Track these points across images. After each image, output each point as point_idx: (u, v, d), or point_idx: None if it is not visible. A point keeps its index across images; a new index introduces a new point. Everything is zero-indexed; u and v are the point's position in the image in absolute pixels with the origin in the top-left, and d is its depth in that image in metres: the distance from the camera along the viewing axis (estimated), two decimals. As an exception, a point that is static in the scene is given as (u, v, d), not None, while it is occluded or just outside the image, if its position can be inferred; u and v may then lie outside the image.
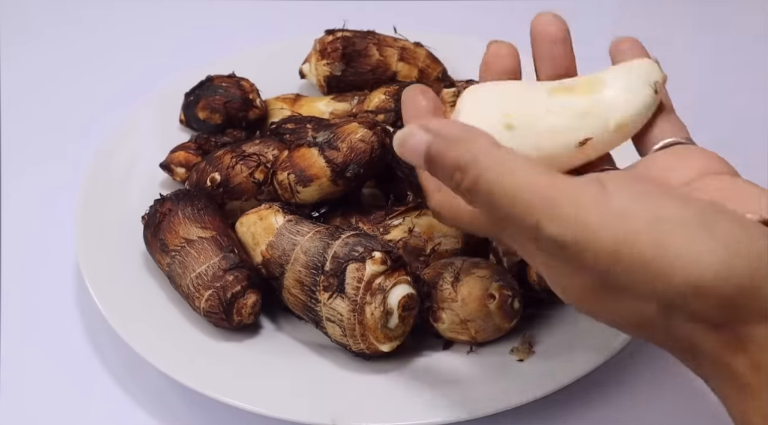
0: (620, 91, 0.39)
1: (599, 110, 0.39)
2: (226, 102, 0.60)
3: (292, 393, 0.46)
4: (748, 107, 0.72)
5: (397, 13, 0.71)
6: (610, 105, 0.39)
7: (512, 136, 0.38)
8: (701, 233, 0.29)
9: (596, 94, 0.39)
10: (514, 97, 0.40)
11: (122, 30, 0.82)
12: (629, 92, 0.39)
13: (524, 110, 0.39)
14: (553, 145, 0.39)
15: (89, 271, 0.52)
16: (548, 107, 0.39)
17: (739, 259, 0.29)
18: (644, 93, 0.39)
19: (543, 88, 0.40)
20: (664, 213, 0.30)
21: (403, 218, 0.51)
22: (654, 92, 0.39)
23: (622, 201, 0.30)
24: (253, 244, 0.51)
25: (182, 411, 0.49)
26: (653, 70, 0.40)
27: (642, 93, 0.39)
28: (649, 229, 0.29)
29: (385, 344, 0.46)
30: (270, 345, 0.49)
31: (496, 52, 0.43)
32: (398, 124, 0.58)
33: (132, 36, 0.81)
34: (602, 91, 0.39)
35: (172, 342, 0.49)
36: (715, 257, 0.29)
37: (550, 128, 0.39)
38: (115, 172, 0.59)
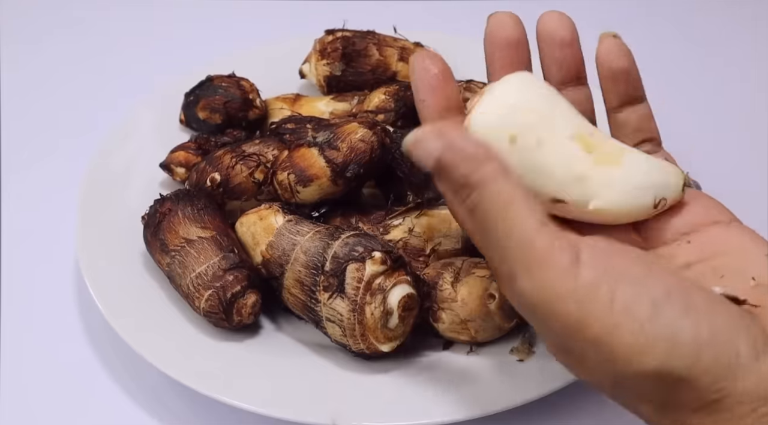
0: (621, 187, 0.37)
1: (591, 184, 0.36)
2: (226, 102, 0.60)
3: (292, 393, 0.46)
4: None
5: (397, 13, 0.71)
6: (602, 189, 0.36)
7: (511, 149, 0.36)
8: (650, 324, 0.30)
9: (602, 168, 0.36)
10: (538, 114, 0.36)
11: (122, 30, 0.82)
12: (627, 193, 0.37)
13: (537, 132, 0.36)
14: (533, 183, 0.36)
15: (89, 271, 0.52)
16: (558, 145, 0.36)
17: (678, 355, 0.30)
18: (641, 202, 0.37)
19: (570, 125, 0.37)
20: (621, 299, 0.31)
21: (403, 218, 0.51)
22: (653, 207, 0.37)
23: (590, 277, 0.31)
24: (253, 244, 0.51)
25: (182, 411, 0.49)
26: (672, 188, 0.37)
27: (637, 200, 0.37)
28: (605, 313, 0.31)
29: (385, 344, 0.46)
30: (270, 345, 0.49)
31: (499, 21, 0.40)
32: (398, 124, 0.58)
33: (132, 36, 0.81)
34: (610, 169, 0.37)
35: (172, 341, 0.49)
36: (658, 352, 0.30)
37: (541, 166, 0.36)
38: (115, 172, 0.59)
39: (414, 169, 0.52)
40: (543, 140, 0.36)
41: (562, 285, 0.31)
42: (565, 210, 0.37)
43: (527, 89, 0.37)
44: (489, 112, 0.36)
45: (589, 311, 0.31)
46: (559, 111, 0.37)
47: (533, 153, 0.36)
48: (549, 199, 0.36)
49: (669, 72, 0.76)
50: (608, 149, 0.37)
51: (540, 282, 0.31)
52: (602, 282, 0.31)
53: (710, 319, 0.31)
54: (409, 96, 0.60)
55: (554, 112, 0.37)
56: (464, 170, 0.33)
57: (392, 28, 0.65)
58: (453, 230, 0.51)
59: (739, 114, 0.72)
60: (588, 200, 0.36)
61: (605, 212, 0.37)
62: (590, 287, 0.31)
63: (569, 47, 0.40)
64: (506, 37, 0.40)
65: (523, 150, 0.36)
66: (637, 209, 0.37)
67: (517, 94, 0.36)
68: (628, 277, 0.32)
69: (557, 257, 0.31)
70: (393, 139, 0.53)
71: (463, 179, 0.33)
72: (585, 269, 0.31)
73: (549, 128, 0.36)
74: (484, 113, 0.36)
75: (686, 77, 0.76)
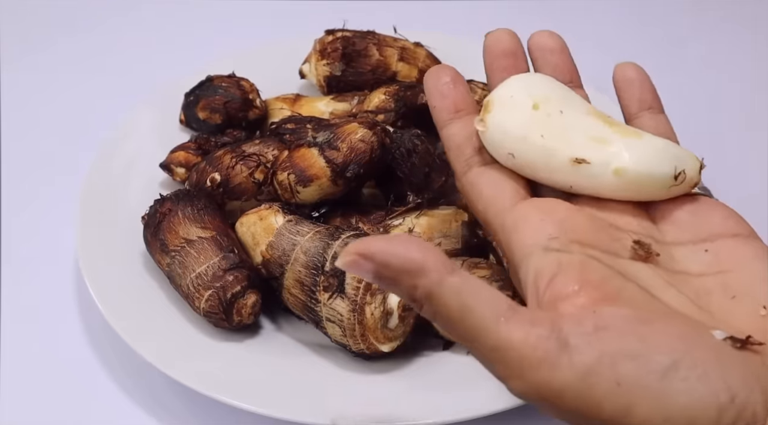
0: (643, 150, 0.36)
1: (612, 149, 0.36)
2: (226, 102, 0.60)
3: (292, 393, 0.46)
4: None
5: (397, 13, 0.71)
6: (623, 152, 0.36)
7: (533, 114, 0.36)
8: (665, 397, 0.28)
9: (622, 138, 0.36)
10: (557, 90, 0.38)
11: (122, 30, 0.82)
12: (649, 156, 0.36)
13: (558, 105, 0.37)
14: (555, 143, 0.36)
15: (89, 271, 0.52)
16: (580, 116, 0.37)
17: (701, 423, 0.28)
18: (661, 168, 0.36)
19: (587, 107, 0.38)
20: (627, 379, 0.28)
21: (403, 218, 0.51)
22: (673, 177, 0.36)
23: (585, 361, 0.28)
24: (253, 244, 0.51)
25: (182, 411, 0.49)
26: (690, 165, 0.36)
27: (659, 166, 0.36)
28: (614, 396, 0.28)
29: (385, 344, 0.46)
30: (270, 345, 0.49)
31: (496, 37, 0.41)
32: (398, 124, 0.58)
33: (132, 36, 0.81)
34: (630, 139, 0.36)
35: (172, 342, 0.49)
36: (679, 424, 0.28)
37: (564, 129, 0.36)
38: (115, 172, 0.59)
39: (414, 169, 0.52)
40: (565, 111, 0.37)
41: (558, 381, 0.28)
42: (585, 173, 0.36)
43: (547, 78, 0.39)
44: (513, 86, 0.37)
45: (596, 398, 0.28)
46: (574, 97, 0.38)
47: (556, 118, 0.37)
48: (570, 159, 0.36)
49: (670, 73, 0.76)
50: (627, 127, 0.38)
51: (533, 383, 0.29)
52: (602, 367, 0.28)
53: (724, 378, 0.28)
54: (409, 96, 0.60)
55: (570, 96, 0.38)
56: (403, 290, 0.30)
57: (392, 28, 0.65)
58: (453, 230, 0.51)
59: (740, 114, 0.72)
60: (610, 161, 0.36)
61: (627, 175, 0.36)
62: (590, 374, 0.28)
63: (560, 53, 0.41)
64: (503, 48, 0.41)
65: (546, 115, 0.36)
66: (659, 177, 0.36)
67: (539, 80, 0.38)
68: (627, 352, 0.29)
69: (541, 350, 0.29)
70: (393, 139, 0.53)
71: (408, 294, 0.30)
72: (578, 356, 0.28)
73: (571, 104, 0.37)
74: (508, 86, 0.37)
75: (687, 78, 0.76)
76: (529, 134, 0.36)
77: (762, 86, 0.74)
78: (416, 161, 0.53)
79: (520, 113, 0.36)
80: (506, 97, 0.37)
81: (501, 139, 0.36)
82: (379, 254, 0.30)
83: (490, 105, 0.37)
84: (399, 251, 0.30)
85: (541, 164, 0.36)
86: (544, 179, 0.37)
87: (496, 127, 0.37)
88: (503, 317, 0.29)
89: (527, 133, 0.36)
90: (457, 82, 0.39)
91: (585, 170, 0.36)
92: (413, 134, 0.53)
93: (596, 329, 0.29)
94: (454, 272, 0.30)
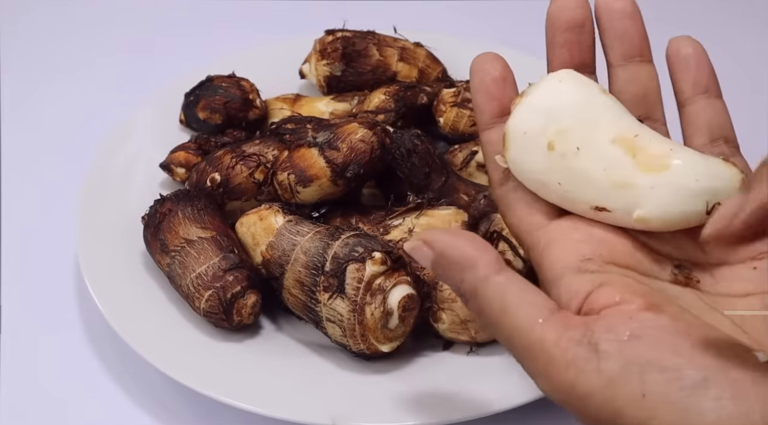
0: (666, 192, 0.33)
1: (633, 193, 0.34)
2: (226, 102, 0.60)
3: (292, 393, 0.46)
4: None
5: (397, 13, 0.71)
6: (646, 196, 0.33)
7: (549, 156, 0.34)
8: (687, 417, 0.27)
9: (646, 173, 0.34)
10: (578, 117, 0.34)
11: (122, 30, 0.82)
12: (675, 195, 0.33)
13: (577, 137, 0.34)
14: (574, 191, 0.34)
15: (89, 271, 0.52)
16: (599, 150, 0.34)
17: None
18: (687, 208, 0.33)
19: (613, 127, 0.34)
20: (654, 390, 0.28)
21: (403, 218, 0.51)
22: (705, 212, 0.33)
23: (613, 369, 0.28)
24: (253, 244, 0.51)
25: (182, 411, 0.49)
26: (727, 189, 0.33)
27: (685, 206, 0.33)
28: (638, 406, 0.28)
29: (385, 344, 0.46)
30: (270, 345, 0.49)
31: (562, 5, 0.37)
32: (398, 124, 0.58)
33: (132, 36, 0.81)
34: (656, 175, 0.33)
35: (172, 342, 0.49)
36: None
37: (581, 173, 0.34)
38: (115, 172, 0.59)
39: (414, 169, 0.52)
40: (583, 145, 0.34)
41: (584, 384, 0.29)
42: (609, 218, 0.35)
43: (569, 90, 0.35)
44: (525, 118, 0.35)
45: (618, 406, 0.28)
46: (602, 112, 0.35)
47: (572, 160, 0.34)
48: (591, 207, 0.34)
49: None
50: (655, 151, 0.34)
51: (559, 384, 0.29)
52: (629, 375, 0.28)
53: (761, 399, 0.27)
54: (409, 96, 0.60)
55: (597, 113, 0.35)
56: (455, 279, 0.32)
57: (392, 28, 0.65)
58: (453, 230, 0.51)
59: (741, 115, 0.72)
60: (631, 209, 0.34)
61: (650, 222, 0.34)
62: (617, 381, 0.28)
63: (630, 19, 0.37)
64: (568, 18, 0.37)
65: (562, 157, 0.34)
66: (686, 217, 0.33)
67: (557, 97, 0.35)
68: (657, 364, 0.28)
69: (571, 354, 0.29)
70: (393, 139, 0.53)
71: (456, 287, 0.32)
72: (606, 363, 0.28)
73: (589, 132, 0.34)
74: (521, 119, 0.35)
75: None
76: (548, 181, 0.35)
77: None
78: (416, 161, 0.53)
79: (535, 156, 0.34)
80: (520, 133, 0.35)
81: (523, 179, 0.36)
82: (439, 244, 0.32)
83: (507, 141, 0.35)
84: (458, 245, 0.32)
85: (566, 206, 0.35)
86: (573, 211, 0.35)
87: (516, 167, 0.35)
88: (541, 319, 0.30)
89: (545, 180, 0.35)
90: (507, 80, 0.37)
91: (606, 215, 0.34)
92: (413, 134, 0.53)
93: (631, 337, 0.29)
94: (501, 272, 0.31)
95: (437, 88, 0.61)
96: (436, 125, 0.60)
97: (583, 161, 0.34)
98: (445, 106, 0.59)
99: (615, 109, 0.35)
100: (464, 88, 0.59)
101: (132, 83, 0.73)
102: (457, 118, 0.59)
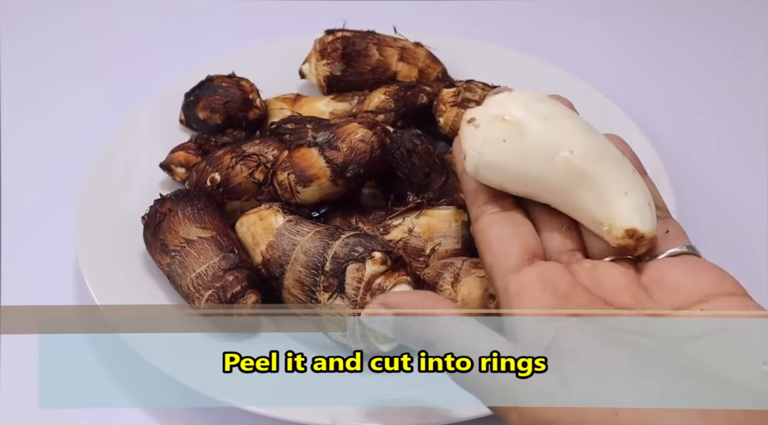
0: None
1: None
2: (226, 102, 0.60)
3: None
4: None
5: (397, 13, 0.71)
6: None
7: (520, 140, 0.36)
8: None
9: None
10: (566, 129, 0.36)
11: (122, 30, 0.82)
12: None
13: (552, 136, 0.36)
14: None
15: (89, 271, 0.52)
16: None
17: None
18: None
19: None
20: (623, 406, 0.29)
21: (403, 218, 0.51)
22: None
23: (584, 392, 0.30)
24: (253, 244, 0.51)
25: (182, 411, 0.49)
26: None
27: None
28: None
29: (385, 344, 0.46)
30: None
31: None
32: (398, 124, 0.58)
33: (132, 36, 0.81)
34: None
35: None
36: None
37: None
38: (115, 172, 0.59)
39: (414, 169, 0.52)
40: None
41: (553, 410, 0.30)
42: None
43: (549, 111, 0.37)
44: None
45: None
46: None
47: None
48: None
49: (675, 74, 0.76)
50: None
51: (527, 413, 0.31)
52: (598, 393, 0.30)
53: (727, 413, 0.29)
54: (409, 96, 0.60)
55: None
56: (419, 330, 0.35)
57: (392, 28, 0.65)
58: (453, 230, 0.51)
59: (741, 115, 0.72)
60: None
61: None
62: (587, 400, 0.30)
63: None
64: None
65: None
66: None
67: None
68: (626, 384, 0.30)
69: (543, 383, 0.31)
70: (393, 139, 0.53)
71: (421, 337, 0.35)
72: (577, 385, 0.30)
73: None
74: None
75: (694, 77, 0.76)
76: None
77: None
78: (416, 161, 0.53)
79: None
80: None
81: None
82: (394, 302, 0.36)
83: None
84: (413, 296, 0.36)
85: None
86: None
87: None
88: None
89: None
90: None
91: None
92: (413, 134, 0.53)
93: (595, 366, 0.31)
94: (461, 316, 0.34)
95: (437, 88, 0.61)
96: (436, 125, 0.60)
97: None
98: (445, 106, 0.59)
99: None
100: (464, 88, 0.59)
101: (132, 83, 0.73)
102: (457, 118, 0.59)
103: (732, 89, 0.74)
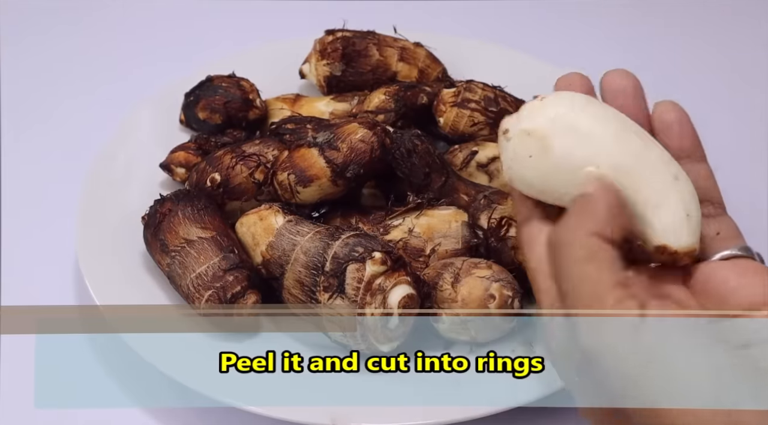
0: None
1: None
2: (226, 102, 0.60)
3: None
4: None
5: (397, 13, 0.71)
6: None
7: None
8: (711, 397, 0.28)
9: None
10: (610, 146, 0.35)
11: (123, 30, 0.82)
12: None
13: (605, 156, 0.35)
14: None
15: (89, 271, 0.52)
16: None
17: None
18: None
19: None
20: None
21: (403, 218, 0.51)
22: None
23: (652, 342, 0.30)
24: (253, 244, 0.51)
25: (182, 411, 0.49)
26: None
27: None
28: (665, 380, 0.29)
29: (385, 344, 0.46)
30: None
31: (567, 81, 0.39)
32: (398, 124, 0.58)
33: (132, 36, 0.81)
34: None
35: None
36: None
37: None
38: (115, 172, 0.59)
39: (414, 169, 0.52)
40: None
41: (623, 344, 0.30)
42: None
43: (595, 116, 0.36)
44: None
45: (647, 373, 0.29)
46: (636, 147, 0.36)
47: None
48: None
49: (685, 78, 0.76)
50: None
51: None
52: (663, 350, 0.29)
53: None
54: (409, 96, 0.60)
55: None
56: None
57: (392, 28, 0.65)
58: (453, 230, 0.51)
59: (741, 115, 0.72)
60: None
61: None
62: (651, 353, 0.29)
63: (632, 97, 0.38)
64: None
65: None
66: None
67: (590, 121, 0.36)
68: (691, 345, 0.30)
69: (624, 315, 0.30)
70: (393, 139, 0.53)
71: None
72: (646, 335, 0.30)
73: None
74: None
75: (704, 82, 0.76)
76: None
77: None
78: (416, 161, 0.53)
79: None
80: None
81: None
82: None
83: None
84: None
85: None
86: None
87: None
88: None
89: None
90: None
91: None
92: (413, 134, 0.53)
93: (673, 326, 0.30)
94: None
95: (437, 88, 0.61)
96: (436, 125, 0.60)
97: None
98: (445, 106, 0.59)
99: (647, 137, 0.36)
100: (464, 88, 0.59)
101: (132, 83, 0.73)
102: (457, 118, 0.59)
103: (732, 89, 0.74)
